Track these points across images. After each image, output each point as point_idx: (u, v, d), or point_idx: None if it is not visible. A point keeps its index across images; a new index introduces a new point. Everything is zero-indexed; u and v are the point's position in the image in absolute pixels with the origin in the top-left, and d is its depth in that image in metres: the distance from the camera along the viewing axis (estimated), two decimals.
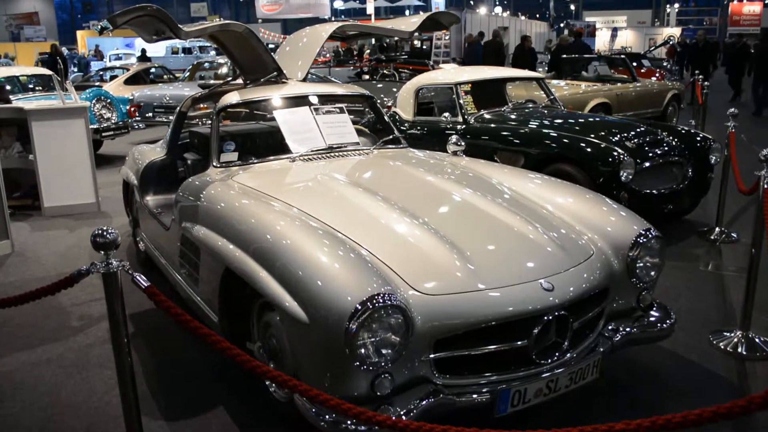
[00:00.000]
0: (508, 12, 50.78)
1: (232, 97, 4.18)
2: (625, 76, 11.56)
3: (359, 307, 2.28)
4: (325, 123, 4.13)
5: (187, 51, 29.44)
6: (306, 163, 3.87)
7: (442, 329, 2.46)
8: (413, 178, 3.64)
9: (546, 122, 6.18)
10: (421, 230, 2.88)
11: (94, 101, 9.41)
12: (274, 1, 39.70)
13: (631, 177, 5.20)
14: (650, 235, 3.07)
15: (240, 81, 4.99)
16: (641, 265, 3.05)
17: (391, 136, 4.42)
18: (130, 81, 13.61)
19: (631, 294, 3.09)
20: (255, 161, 3.94)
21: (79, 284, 4.53)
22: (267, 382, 2.94)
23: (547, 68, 12.12)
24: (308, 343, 2.46)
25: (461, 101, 6.54)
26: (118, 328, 2.16)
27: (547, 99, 7.14)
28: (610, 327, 2.98)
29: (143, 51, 24.70)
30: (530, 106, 6.93)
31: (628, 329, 3.00)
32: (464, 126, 6.38)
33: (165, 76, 15.08)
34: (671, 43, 25.92)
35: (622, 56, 11.39)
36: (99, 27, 3.93)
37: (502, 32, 19.49)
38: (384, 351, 2.34)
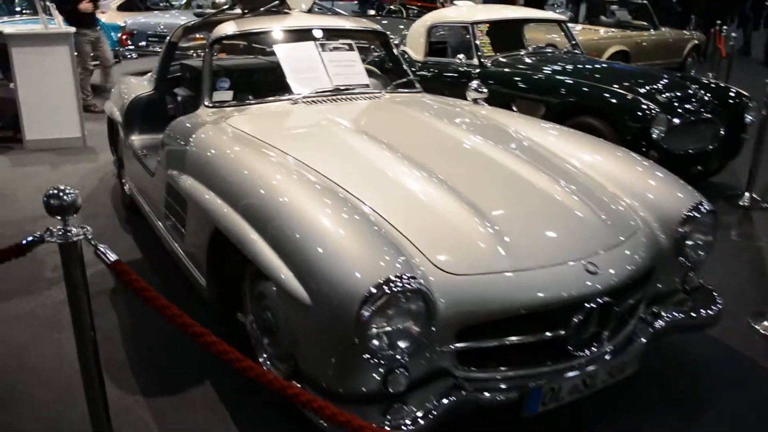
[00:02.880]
0: None
1: (228, 28, 3.69)
2: (645, 23, 10.94)
3: (374, 291, 1.89)
4: (332, 61, 3.67)
5: None
6: (309, 107, 3.43)
7: (468, 316, 2.09)
8: (432, 130, 3.20)
9: (570, 70, 5.69)
10: (444, 193, 2.47)
11: None
12: None
13: (663, 135, 4.77)
14: (703, 210, 2.68)
15: (237, 10, 4.50)
16: (691, 243, 2.67)
17: (404, 79, 3.97)
18: (123, 7, 12.87)
19: (676, 275, 2.71)
20: (251, 102, 3.50)
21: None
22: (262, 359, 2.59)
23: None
24: (309, 327, 2.08)
25: (477, 42, 6.03)
26: (79, 306, 1.78)
27: (569, 44, 6.62)
28: (651, 311, 2.62)
29: None
30: (550, 51, 6.42)
31: (672, 315, 2.63)
32: (479, 69, 5.90)
33: (161, 3, 14.34)
34: None
35: (644, 2, 10.76)
36: None
37: None
38: (401, 343, 1.97)
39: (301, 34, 3.80)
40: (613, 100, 5.00)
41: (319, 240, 2.08)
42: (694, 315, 2.68)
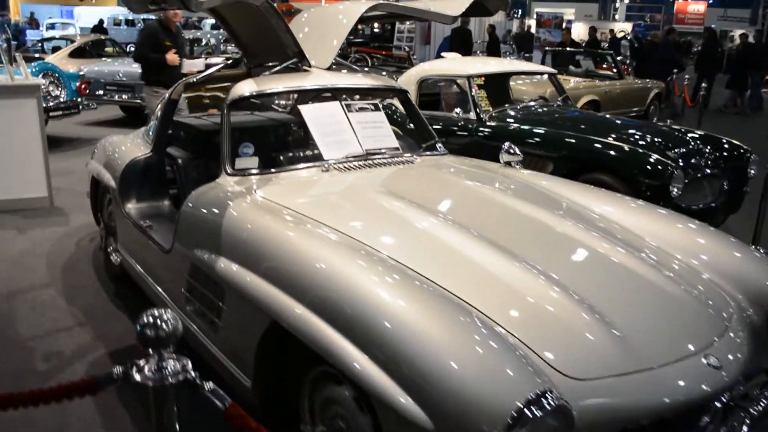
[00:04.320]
0: None
1: (246, 87, 3.36)
2: (610, 73, 11.12)
3: (517, 415, 1.59)
4: (359, 122, 3.39)
5: (130, 23, 27.69)
6: (344, 174, 3.13)
7: (597, 427, 1.81)
8: (493, 203, 2.91)
9: (574, 124, 5.56)
10: (535, 279, 2.21)
11: (40, 76, 8.32)
12: None
13: (680, 193, 4.65)
14: None
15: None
16: None
17: (432, 141, 3.71)
18: (76, 54, 12.35)
19: (763, 354, 2.50)
20: (279, 169, 3.18)
21: (32, 300, 3.66)
22: None
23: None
24: None
25: (473, 94, 5.83)
26: None
27: (559, 97, 6.53)
28: (742, 395, 2.39)
29: (101, 21, 23.04)
30: (546, 104, 6.32)
31: (765, 397, 2.40)
32: (478, 124, 5.71)
33: (109, 49, 13.78)
34: (628, 38, 25.76)
35: (610, 52, 10.96)
36: None
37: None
38: None
39: (324, 93, 3.54)
40: (629, 157, 4.88)
41: (432, 346, 1.78)
42: None
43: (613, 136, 5.18)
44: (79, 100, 8.92)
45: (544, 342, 1.92)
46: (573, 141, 5.20)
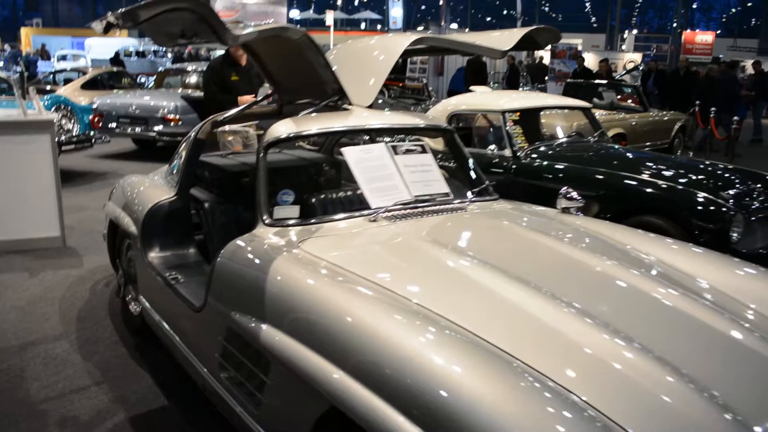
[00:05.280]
0: (467, 30, 50.44)
1: (283, 128, 3.07)
2: (632, 105, 10.88)
3: None
4: (407, 166, 3.10)
5: (140, 54, 27.78)
6: (395, 225, 2.82)
7: None
8: (558, 256, 2.59)
9: (615, 161, 5.27)
10: (605, 337, 1.94)
11: (52, 110, 8.10)
12: (230, 7, 38.07)
13: (740, 237, 4.34)
14: None
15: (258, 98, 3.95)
16: None
17: (483, 185, 3.41)
18: (88, 86, 12.20)
19: None
20: (322, 219, 2.87)
21: (45, 354, 3.38)
22: None
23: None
24: None
25: (508, 129, 5.55)
26: None
27: (595, 133, 6.22)
28: None
29: (117, 54, 23.14)
30: (583, 140, 6.02)
31: None
32: (514, 161, 5.42)
33: (123, 80, 13.66)
34: (640, 69, 25.56)
35: (635, 84, 10.74)
36: (104, 23, 2.78)
37: None
38: None
39: (367, 134, 3.27)
40: (685, 199, 4.56)
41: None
42: None
43: (662, 174, 4.88)
44: (91, 133, 8.69)
45: (636, 417, 1.61)
46: (618, 181, 4.89)
